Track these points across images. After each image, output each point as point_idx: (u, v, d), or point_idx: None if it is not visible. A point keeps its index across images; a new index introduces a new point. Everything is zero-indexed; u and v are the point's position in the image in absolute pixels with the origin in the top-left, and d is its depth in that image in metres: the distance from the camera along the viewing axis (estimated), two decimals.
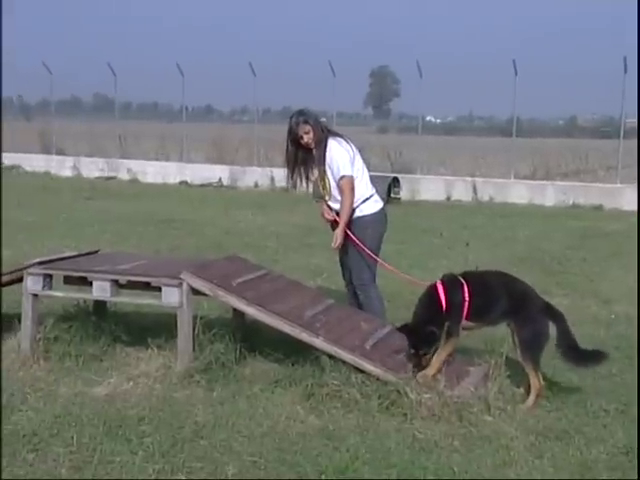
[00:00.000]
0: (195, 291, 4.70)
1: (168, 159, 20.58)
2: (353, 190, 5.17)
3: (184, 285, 4.64)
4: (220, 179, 18.59)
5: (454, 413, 4.05)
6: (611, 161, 17.29)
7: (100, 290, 4.83)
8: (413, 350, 4.37)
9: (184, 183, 18.63)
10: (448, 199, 16.36)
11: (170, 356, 4.76)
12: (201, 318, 4.78)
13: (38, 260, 5.12)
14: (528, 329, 4.39)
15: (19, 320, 5.01)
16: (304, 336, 4.47)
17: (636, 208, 14.68)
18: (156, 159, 20.64)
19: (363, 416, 4.09)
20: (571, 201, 15.43)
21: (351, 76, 21.71)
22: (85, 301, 5.49)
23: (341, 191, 5.18)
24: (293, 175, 5.39)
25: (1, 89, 21.94)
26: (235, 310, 5.04)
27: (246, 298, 4.63)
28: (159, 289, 4.74)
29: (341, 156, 5.17)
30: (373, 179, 5.53)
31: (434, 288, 4.46)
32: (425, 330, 4.33)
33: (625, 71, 15.30)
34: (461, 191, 16.42)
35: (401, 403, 4.12)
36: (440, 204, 15.76)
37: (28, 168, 20.82)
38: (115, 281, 4.86)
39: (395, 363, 4.41)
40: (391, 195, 15.50)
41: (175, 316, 4.69)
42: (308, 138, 5.19)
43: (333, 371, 4.32)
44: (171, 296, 4.67)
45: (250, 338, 5.07)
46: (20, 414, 4.05)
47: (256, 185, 18.27)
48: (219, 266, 5.13)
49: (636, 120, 18.59)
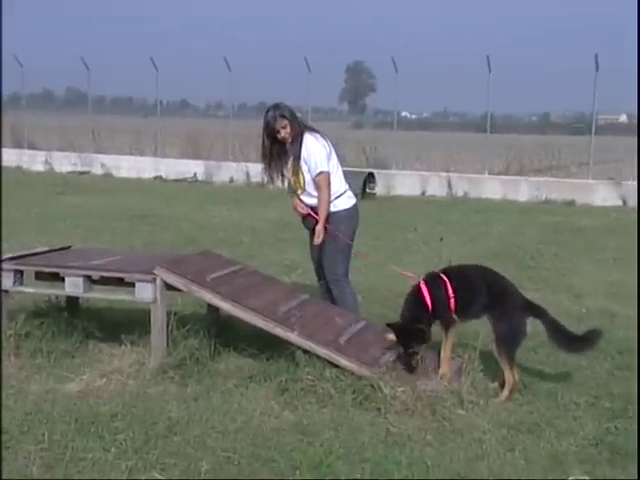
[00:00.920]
0: (169, 286, 4.67)
1: (142, 154, 20.41)
2: (329, 186, 5.17)
3: (158, 280, 4.60)
4: (195, 174, 18.49)
5: (427, 407, 4.08)
6: (583, 157, 17.49)
7: (72, 286, 4.78)
8: (403, 348, 4.42)
9: (159, 178, 18.50)
10: (423, 194, 16.44)
11: (144, 352, 4.73)
12: (175, 314, 4.75)
13: (9, 256, 5.05)
14: (504, 324, 4.41)
15: None
16: (279, 331, 4.47)
17: (608, 204, 14.93)
18: (130, 154, 20.46)
19: (337, 411, 4.10)
20: (544, 196, 15.61)
21: (326, 71, 21.70)
22: (57, 297, 5.43)
23: (318, 187, 5.17)
24: (270, 169, 5.35)
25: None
26: (209, 305, 5.02)
27: (220, 293, 4.61)
28: (132, 285, 4.70)
29: (318, 152, 5.16)
30: (348, 174, 5.54)
31: (417, 288, 4.50)
32: (414, 328, 4.38)
33: (596, 69, 15.49)
34: (436, 186, 16.52)
35: (375, 398, 4.14)
36: (415, 199, 15.84)
37: None
38: (88, 277, 4.81)
39: (369, 358, 4.43)
40: (366, 190, 15.54)
41: (149, 312, 4.65)
42: (285, 133, 5.16)
43: (307, 366, 4.33)
44: (144, 292, 4.63)
45: (224, 333, 5.04)
46: None
47: (231, 180, 18.20)
48: (193, 261, 5.10)
49: (608, 117, 18.82)
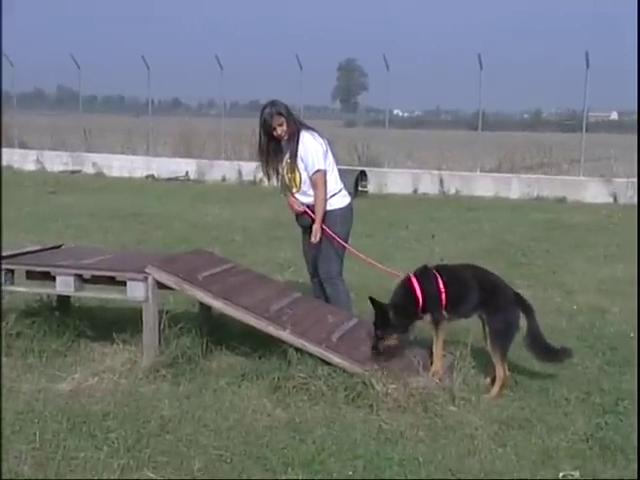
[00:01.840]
0: (161, 285, 4.66)
1: (134, 153, 20.34)
2: (326, 184, 5.17)
3: (149, 279, 4.60)
4: (187, 173, 18.45)
5: (419, 404, 4.09)
6: (574, 154, 17.55)
7: (64, 285, 4.77)
8: (376, 330, 4.44)
9: (151, 177, 18.45)
10: (415, 192, 16.46)
11: (136, 351, 4.72)
12: (167, 312, 4.75)
13: (0, 255, 5.02)
14: (499, 319, 4.44)
15: None
16: (271, 329, 4.47)
17: (599, 201, 14.99)
18: (122, 153, 20.38)
19: (329, 408, 4.11)
20: (535, 194, 15.66)
21: (318, 69, 21.73)
22: (48, 296, 5.41)
23: (314, 185, 5.17)
24: (267, 167, 5.34)
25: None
26: (201, 304, 5.02)
27: (212, 292, 4.61)
28: (124, 284, 4.69)
29: (315, 150, 5.16)
30: (341, 172, 5.54)
31: (408, 281, 4.50)
32: (395, 318, 4.40)
33: (587, 66, 15.54)
34: (428, 184, 16.54)
35: (367, 395, 4.15)
36: (407, 197, 15.86)
37: None
38: (79, 276, 4.80)
39: (361, 355, 4.43)
40: (358, 188, 15.54)
41: (141, 310, 4.65)
42: (281, 130, 5.15)
43: (300, 364, 4.33)
44: (136, 290, 4.62)
45: (217, 332, 5.04)
46: None
47: (223, 179, 18.17)
48: (185, 260, 5.10)
49: (599, 114, 18.90)
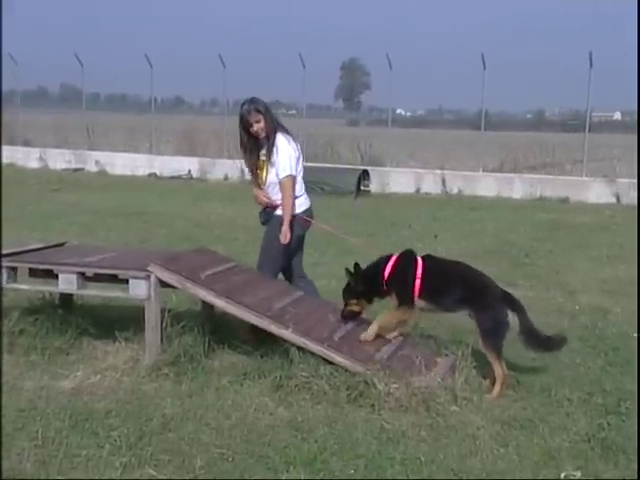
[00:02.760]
0: (163, 283, 4.66)
1: (137, 151, 20.36)
2: (294, 189, 5.25)
3: (152, 277, 4.60)
4: (190, 171, 18.46)
5: (421, 404, 4.09)
6: (577, 155, 17.53)
7: (66, 283, 4.77)
8: (345, 293, 4.79)
9: (153, 175, 18.46)
10: (417, 192, 16.45)
11: (138, 349, 4.73)
12: (169, 311, 4.75)
13: (2, 252, 5.02)
14: (487, 318, 4.46)
15: None
16: (273, 328, 4.47)
17: (602, 201, 14.97)
18: (125, 151, 20.40)
19: (332, 407, 4.10)
20: (538, 194, 15.64)
21: (321, 68, 21.71)
22: (51, 294, 5.42)
23: (283, 188, 5.23)
24: (248, 162, 5.41)
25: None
26: (204, 302, 5.02)
27: (215, 290, 4.61)
28: (127, 281, 4.70)
29: (289, 154, 5.24)
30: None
31: (386, 258, 4.67)
32: (358, 286, 4.68)
33: (591, 66, 15.51)
34: (430, 184, 16.53)
35: (369, 394, 4.15)
36: (410, 197, 15.85)
37: None
38: (82, 274, 4.80)
39: (363, 355, 4.43)
40: (361, 188, 15.55)
41: (143, 309, 4.65)
42: (258, 127, 5.22)
43: (302, 363, 4.33)
44: (139, 288, 4.62)
45: (219, 330, 5.05)
46: None
47: (226, 177, 18.18)
48: (188, 258, 5.10)
49: (603, 114, 18.87)
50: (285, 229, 5.20)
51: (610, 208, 14.13)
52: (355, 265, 4.76)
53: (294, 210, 5.26)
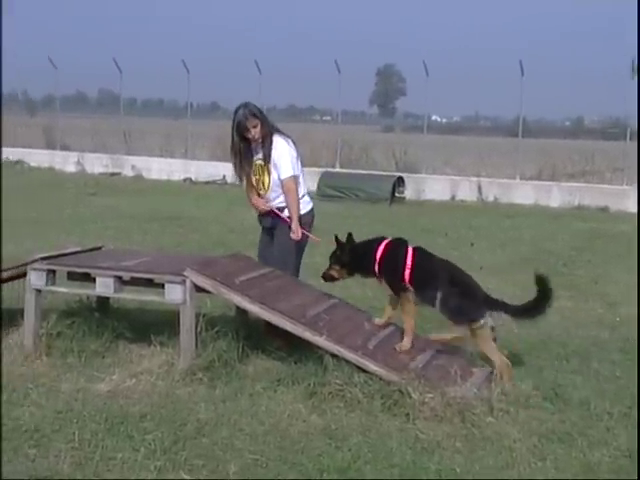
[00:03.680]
0: (198, 288, 4.70)
1: (173, 156, 20.58)
2: (297, 189, 5.31)
3: (187, 282, 4.64)
4: (224, 176, 18.55)
5: (457, 414, 4.04)
6: (617, 163, 17.25)
7: (103, 286, 4.84)
8: (331, 257, 4.92)
9: (188, 180, 18.63)
10: (453, 199, 16.34)
11: (173, 353, 4.77)
12: (204, 315, 4.78)
13: (41, 256, 5.12)
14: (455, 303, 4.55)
15: (22, 316, 5.02)
16: (307, 335, 4.47)
17: None
18: (161, 156, 20.65)
19: (366, 416, 4.09)
20: (577, 202, 15.41)
21: (357, 74, 21.69)
22: (88, 297, 5.51)
23: (287, 190, 5.28)
24: (240, 168, 5.46)
25: (1, 85, 22.10)
26: (238, 308, 5.05)
27: (249, 296, 4.63)
28: (162, 286, 4.75)
29: (291, 155, 5.30)
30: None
31: (381, 239, 4.79)
32: (344, 254, 4.83)
33: (632, 72, 15.25)
34: (466, 191, 16.41)
35: (404, 403, 4.12)
36: (445, 204, 15.74)
37: (32, 163, 20.80)
38: (118, 277, 4.86)
39: (398, 363, 4.41)
40: (395, 194, 15.49)
41: (178, 313, 4.69)
42: (255, 132, 5.26)
43: (336, 370, 4.32)
44: (174, 293, 4.67)
45: (253, 336, 5.07)
46: (22, 409, 4.06)
47: None
48: (223, 263, 5.14)
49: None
50: (295, 226, 5.26)
51: None
52: (348, 235, 4.89)
53: (299, 210, 5.32)
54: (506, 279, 7.79)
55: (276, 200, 5.40)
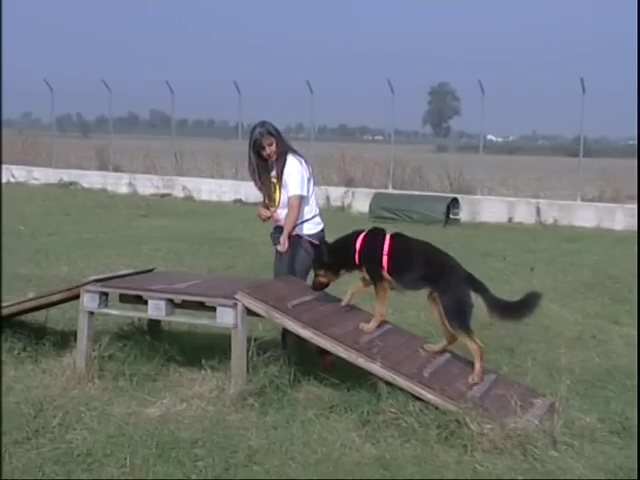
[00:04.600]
0: (250, 312, 4.73)
1: (223, 177, 20.88)
2: (299, 208, 5.41)
3: (239, 306, 4.67)
4: None
5: (517, 447, 3.95)
6: None
7: (155, 309, 4.91)
8: (314, 265, 5.05)
9: (239, 201, 18.85)
10: (510, 221, 16.11)
11: (224, 378, 4.79)
12: (255, 339, 4.81)
13: (95, 277, 5.24)
14: (449, 297, 4.59)
15: (74, 338, 5.14)
16: (360, 361, 4.45)
17: None
18: (211, 177, 20.97)
19: (421, 446, 4.03)
20: None
21: (410, 93, 21.71)
22: (139, 319, 5.59)
23: (290, 205, 5.40)
24: (262, 183, 5.59)
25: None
26: (290, 332, 5.05)
27: (302, 320, 4.64)
28: (213, 309, 4.80)
29: (302, 175, 5.45)
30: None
31: (359, 232, 4.91)
32: (327, 258, 4.92)
33: None
34: (524, 213, 16.17)
35: (461, 434, 4.05)
36: (501, 226, 15.53)
37: (85, 185, 21.39)
38: (170, 300, 4.94)
39: (455, 392, 4.34)
40: (450, 216, 15.37)
41: (229, 337, 4.73)
42: (270, 150, 5.44)
43: (390, 398, 4.28)
44: (226, 316, 4.71)
45: (305, 361, 5.07)
46: (75, 433, 4.13)
47: None
48: (275, 287, 5.16)
49: None
50: (283, 239, 5.35)
51: None
52: (321, 240, 5.16)
53: (303, 231, 5.41)
54: (568, 306, 7.63)
55: (283, 219, 5.52)
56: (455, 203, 15.85)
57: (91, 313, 5.09)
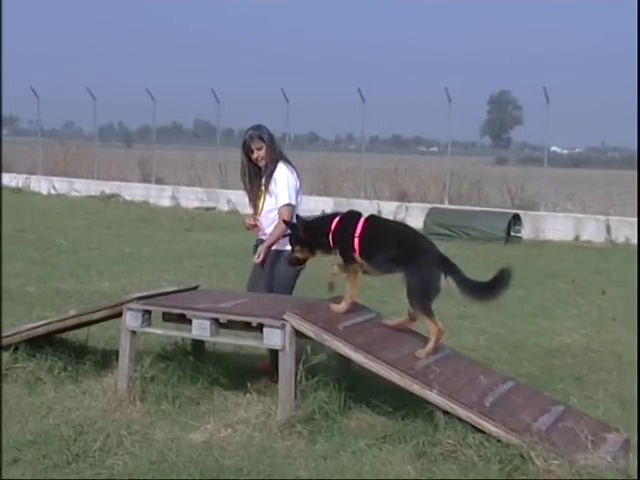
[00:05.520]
0: (299, 333, 4.74)
1: None
2: (291, 219, 5.43)
3: (287, 327, 4.68)
4: (323, 212, 18.79)
5: None
6: None
7: (200, 329, 4.95)
8: (291, 245, 5.15)
9: None
10: (577, 239, 15.82)
11: (270, 403, 4.81)
12: (304, 363, 4.80)
13: (137, 295, 5.30)
14: (415, 277, 4.72)
15: (116, 357, 5.21)
16: (416, 388, 4.41)
17: None
18: None
19: None
20: None
21: (468, 102, 21.60)
22: (183, 339, 5.65)
23: (280, 216, 5.49)
24: (251, 189, 5.73)
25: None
26: (341, 356, 5.04)
27: (353, 344, 4.62)
28: (260, 329, 4.81)
29: (290, 184, 5.57)
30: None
31: (335, 214, 5.07)
32: (301, 234, 5.05)
33: None
34: (592, 231, 15.86)
35: (525, 470, 3.97)
36: (567, 245, 15.26)
37: (127, 197, 21.77)
38: (215, 320, 4.97)
39: (518, 423, 4.26)
40: (511, 234, 15.17)
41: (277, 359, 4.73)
42: (258, 154, 5.57)
43: (448, 429, 4.23)
44: (273, 338, 4.72)
45: (356, 387, 5.04)
46: (116, 458, 4.17)
47: None
48: (325, 307, 5.16)
49: None
50: (262, 250, 5.49)
51: None
52: (297, 217, 5.29)
53: (287, 247, 5.39)
54: None
55: (268, 228, 5.65)
56: (517, 220, 15.64)
57: (133, 332, 5.15)
